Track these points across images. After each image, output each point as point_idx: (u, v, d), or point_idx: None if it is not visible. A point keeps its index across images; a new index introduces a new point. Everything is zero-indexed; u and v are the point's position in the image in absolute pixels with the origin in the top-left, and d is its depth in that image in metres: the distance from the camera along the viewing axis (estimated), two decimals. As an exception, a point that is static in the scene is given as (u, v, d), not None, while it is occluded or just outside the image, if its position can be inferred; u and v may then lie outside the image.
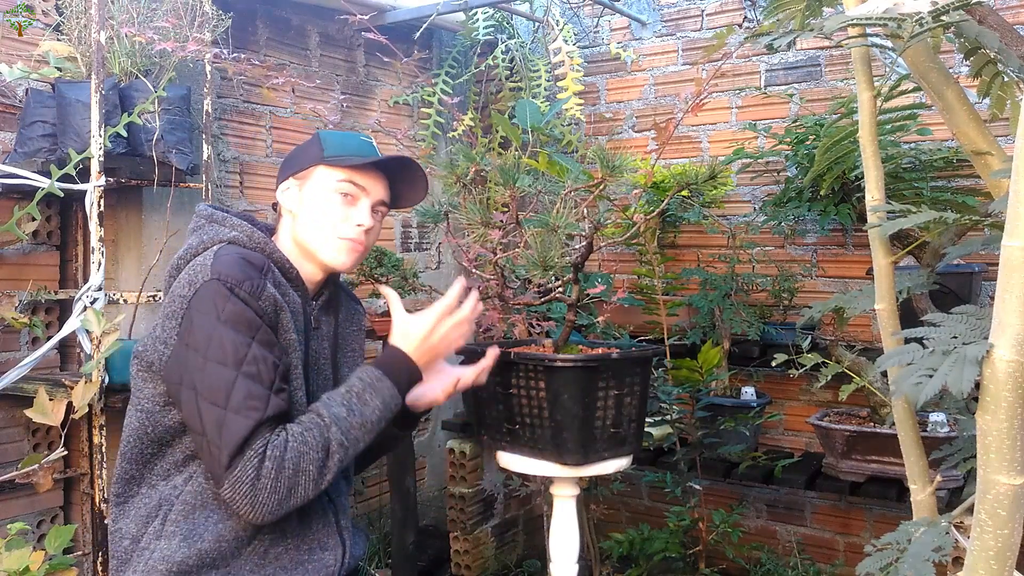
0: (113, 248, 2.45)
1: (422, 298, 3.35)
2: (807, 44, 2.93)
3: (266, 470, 1.24)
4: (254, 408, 1.25)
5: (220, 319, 1.28)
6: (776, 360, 1.54)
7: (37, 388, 1.99)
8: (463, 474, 3.04)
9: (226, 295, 1.28)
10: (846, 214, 2.50)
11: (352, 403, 1.35)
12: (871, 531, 2.89)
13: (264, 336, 1.30)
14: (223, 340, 1.27)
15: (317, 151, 1.46)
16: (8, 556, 1.73)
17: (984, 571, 0.85)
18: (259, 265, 1.35)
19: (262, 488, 1.24)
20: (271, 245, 1.42)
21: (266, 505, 1.25)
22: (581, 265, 1.78)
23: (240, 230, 1.41)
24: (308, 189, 1.46)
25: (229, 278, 1.29)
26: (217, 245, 1.38)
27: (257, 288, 1.30)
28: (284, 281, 1.41)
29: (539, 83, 3.26)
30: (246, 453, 1.24)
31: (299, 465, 1.26)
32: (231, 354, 1.26)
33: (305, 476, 1.27)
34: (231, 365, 1.26)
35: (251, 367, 1.27)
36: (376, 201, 1.48)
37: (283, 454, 1.26)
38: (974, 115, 1.14)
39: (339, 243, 1.44)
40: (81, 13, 2.20)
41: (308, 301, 1.47)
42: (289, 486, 1.26)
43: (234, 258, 1.33)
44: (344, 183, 1.44)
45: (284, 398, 1.30)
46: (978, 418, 0.84)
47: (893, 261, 1.10)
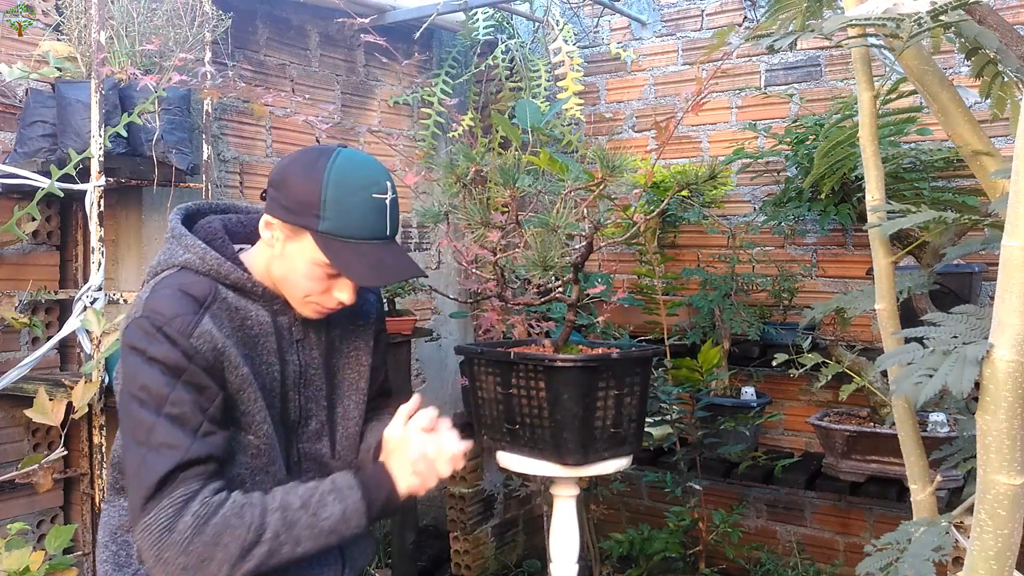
0: (113, 248, 2.45)
1: (422, 298, 3.36)
2: (807, 44, 2.93)
3: (183, 525, 1.15)
4: (174, 447, 1.17)
5: (145, 358, 1.21)
6: (776, 360, 1.54)
7: (37, 388, 2.00)
8: (463, 474, 3.04)
9: (153, 333, 1.21)
10: (846, 214, 2.50)
11: (311, 501, 1.24)
12: (871, 531, 2.89)
13: (191, 377, 1.21)
14: (147, 381, 1.20)
15: (314, 210, 1.25)
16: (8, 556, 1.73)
17: (984, 571, 0.85)
18: (200, 298, 1.25)
19: (172, 544, 1.15)
20: (226, 267, 1.29)
21: (171, 564, 1.15)
22: (581, 265, 1.78)
23: (194, 252, 1.29)
24: (291, 248, 1.29)
25: (158, 316, 1.22)
26: (167, 270, 1.31)
27: (188, 326, 1.21)
28: (244, 304, 1.31)
29: (539, 83, 3.26)
30: (162, 499, 1.16)
31: (221, 536, 1.16)
32: (154, 394, 1.20)
33: (223, 551, 1.16)
34: (153, 406, 1.20)
35: (174, 408, 1.19)
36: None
37: (210, 517, 1.16)
38: (969, 117, 1.14)
39: (311, 305, 1.33)
40: (81, 13, 2.20)
41: (286, 314, 1.36)
42: (201, 555, 1.15)
43: (169, 293, 1.25)
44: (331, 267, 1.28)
45: (213, 442, 1.21)
46: (978, 418, 0.84)
47: (893, 261, 1.10)
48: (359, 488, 1.29)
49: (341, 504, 1.26)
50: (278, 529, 1.21)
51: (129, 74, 2.11)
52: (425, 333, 2.86)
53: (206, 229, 1.36)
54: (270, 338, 1.33)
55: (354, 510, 1.27)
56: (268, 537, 1.20)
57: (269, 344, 1.33)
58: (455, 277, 3.60)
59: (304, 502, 1.24)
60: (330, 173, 1.26)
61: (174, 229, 1.34)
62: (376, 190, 1.28)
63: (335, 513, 1.25)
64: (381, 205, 1.28)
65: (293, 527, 1.22)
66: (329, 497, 1.26)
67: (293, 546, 1.22)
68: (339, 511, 1.25)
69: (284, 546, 1.21)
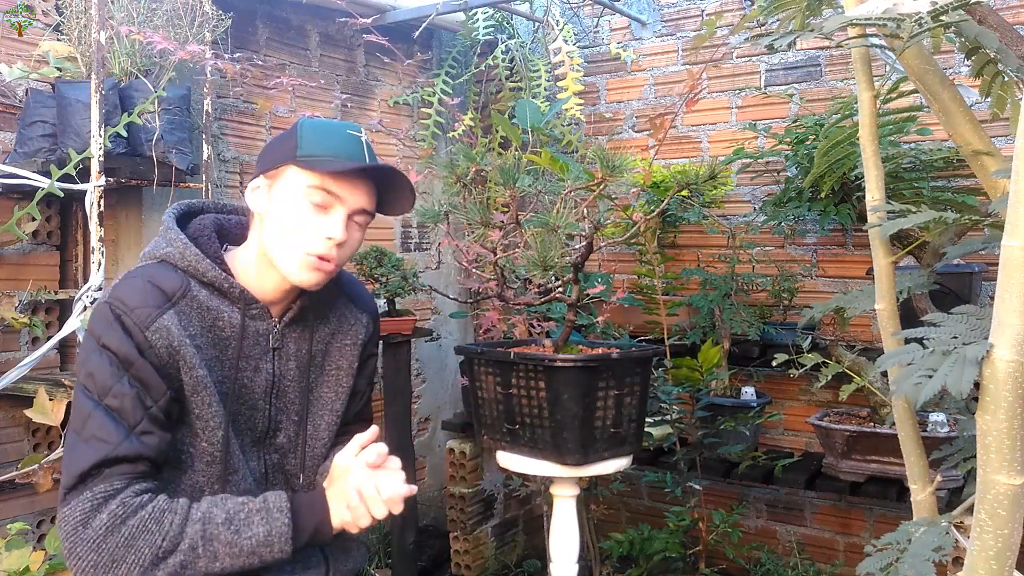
0: (113, 248, 2.46)
1: (422, 298, 3.36)
2: (807, 44, 2.93)
3: (98, 522, 1.13)
4: (103, 441, 1.15)
5: (99, 344, 1.20)
6: (776, 360, 1.54)
7: (37, 388, 1.99)
8: (463, 474, 3.04)
9: (110, 320, 1.20)
10: (846, 214, 2.50)
11: (237, 517, 1.20)
12: (871, 531, 2.89)
13: (139, 373, 1.19)
14: (95, 367, 1.19)
15: (291, 147, 1.28)
16: (8, 556, 1.73)
17: (984, 571, 0.85)
18: (168, 292, 1.23)
19: (85, 539, 1.13)
20: (204, 264, 1.27)
21: (82, 559, 1.13)
22: (581, 265, 1.78)
23: (175, 246, 1.28)
24: (276, 191, 1.29)
25: (120, 304, 1.20)
26: (147, 261, 1.30)
27: (146, 319, 1.19)
28: (217, 304, 1.28)
29: (539, 83, 3.26)
30: (83, 492, 1.14)
31: (135, 540, 1.13)
32: (98, 383, 1.18)
33: (136, 555, 1.13)
34: (95, 394, 1.18)
35: (114, 400, 1.18)
36: (354, 210, 1.30)
37: (127, 517, 1.14)
38: (970, 116, 1.14)
39: (303, 258, 1.27)
40: (81, 13, 2.20)
41: (264, 319, 1.33)
42: (114, 555, 1.13)
43: (138, 282, 1.23)
44: (315, 190, 1.26)
45: (149, 442, 1.18)
46: (978, 418, 0.84)
47: (893, 261, 1.10)
48: (288, 512, 1.23)
49: (266, 526, 1.21)
50: (195, 541, 1.17)
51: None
52: (425, 333, 2.86)
53: (196, 227, 1.35)
54: (236, 341, 1.30)
55: (279, 534, 1.21)
56: (184, 548, 1.16)
57: (234, 345, 1.30)
58: (455, 277, 3.60)
59: (228, 517, 1.20)
60: (303, 122, 1.32)
61: (165, 222, 1.33)
62: (350, 129, 1.31)
63: (259, 534, 1.20)
64: (357, 140, 1.29)
65: (212, 542, 1.18)
66: (256, 516, 1.21)
67: (210, 561, 1.17)
68: (263, 532, 1.20)
69: (200, 560, 1.17)
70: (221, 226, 1.40)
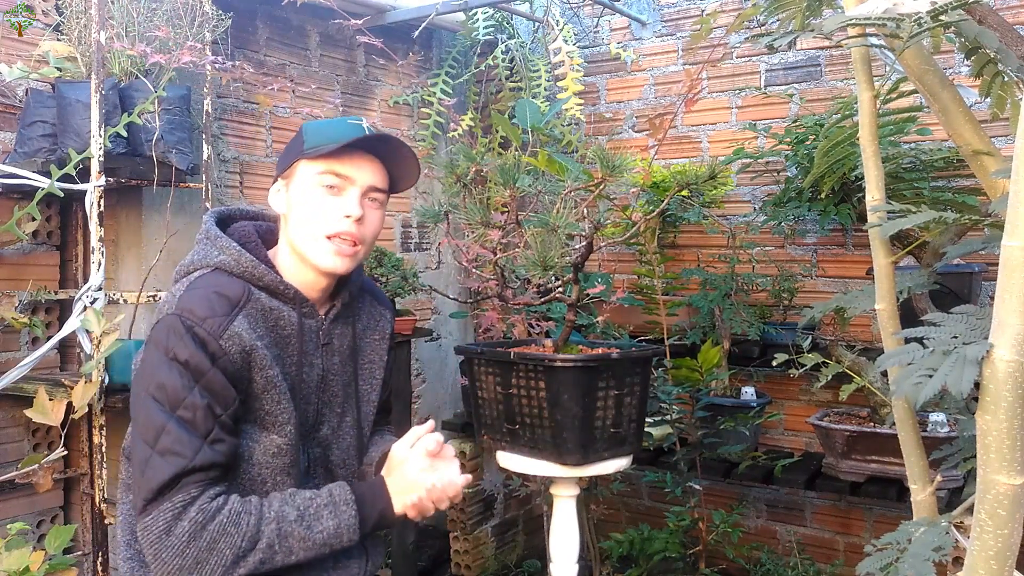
0: (113, 248, 2.46)
1: (422, 298, 3.36)
2: (807, 44, 2.93)
3: (180, 529, 1.18)
4: (179, 455, 1.19)
5: (168, 356, 1.23)
6: (776, 360, 1.54)
7: (37, 388, 1.99)
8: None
9: (181, 333, 1.23)
10: (846, 214, 2.50)
11: (307, 512, 1.26)
12: (871, 531, 2.89)
13: (210, 383, 1.23)
14: (166, 379, 1.22)
15: (299, 145, 1.36)
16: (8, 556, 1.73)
17: (984, 571, 0.85)
18: (234, 299, 1.28)
19: (169, 546, 1.18)
20: (260, 269, 1.32)
21: (168, 564, 1.18)
22: (581, 265, 1.77)
23: (229, 254, 1.32)
24: (294, 187, 1.35)
25: (190, 315, 1.24)
26: (202, 270, 1.33)
27: (219, 327, 1.23)
28: (277, 305, 1.33)
29: (539, 83, 3.26)
30: (163, 503, 1.19)
31: (217, 543, 1.19)
32: (170, 395, 1.22)
33: (218, 556, 1.19)
34: (167, 406, 1.21)
35: (187, 412, 1.21)
36: (367, 187, 1.35)
37: (207, 523, 1.19)
38: (970, 116, 1.14)
39: (326, 244, 1.33)
40: (81, 13, 2.20)
41: (314, 317, 1.38)
42: (197, 557, 1.18)
43: (204, 292, 1.27)
44: (326, 174, 1.32)
45: (221, 449, 1.23)
46: (978, 418, 0.84)
47: (893, 261, 1.10)
48: (354, 504, 1.30)
49: (335, 519, 1.28)
50: (272, 539, 1.23)
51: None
52: (425, 333, 2.86)
53: (240, 232, 1.40)
54: (297, 340, 1.35)
55: (347, 525, 1.29)
56: (262, 546, 1.22)
57: (296, 345, 1.35)
58: (455, 277, 3.60)
59: (300, 514, 1.26)
60: (307, 123, 1.40)
61: (209, 231, 1.37)
62: (351, 120, 1.37)
63: (329, 527, 1.27)
64: (359, 125, 1.35)
65: (287, 538, 1.25)
66: (325, 511, 1.28)
67: (286, 556, 1.24)
68: (333, 526, 1.28)
69: (277, 555, 1.24)
70: (262, 232, 1.45)
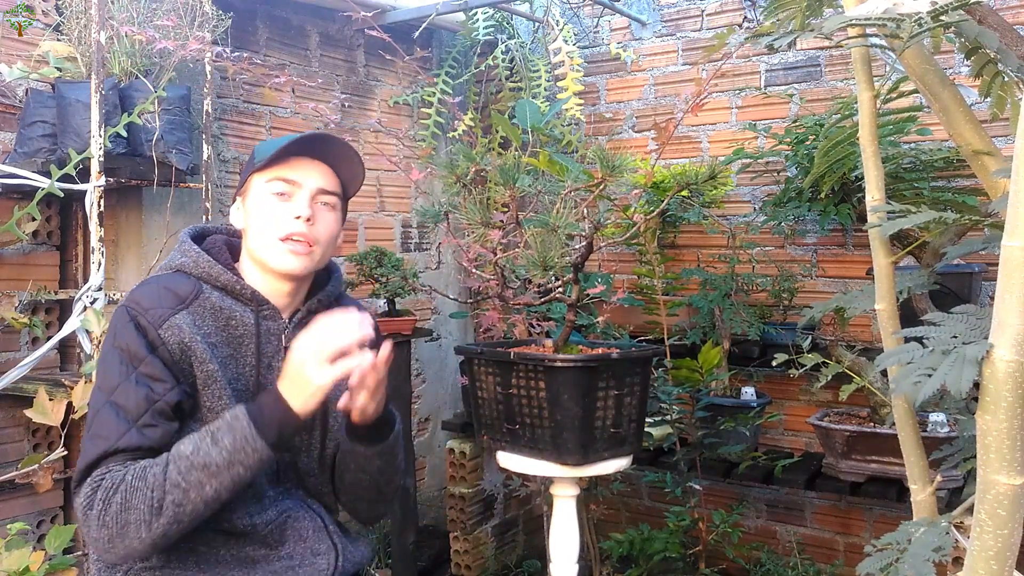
0: (113, 248, 2.46)
1: (422, 298, 3.36)
2: (807, 44, 2.93)
3: (95, 501, 1.22)
4: (104, 437, 1.25)
5: (113, 344, 1.30)
6: (776, 360, 1.54)
7: (37, 388, 1.99)
8: (463, 474, 3.04)
9: (125, 321, 1.30)
10: (846, 214, 2.50)
11: (203, 442, 1.24)
12: (871, 531, 2.89)
13: (147, 369, 1.27)
14: (108, 365, 1.29)
15: (251, 162, 1.43)
16: (8, 556, 1.73)
17: (984, 571, 0.85)
18: (181, 295, 1.33)
19: (93, 519, 1.22)
20: (216, 269, 1.37)
21: (98, 540, 1.22)
22: (581, 265, 1.78)
23: (188, 256, 1.40)
24: (248, 201, 1.41)
25: (136, 306, 1.31)
26: (164, 272, 1.40)
27: (159, 318, 1.29)
28: (230, 304, 1.37)
29: (539, 83, 3.26)
30: (85, 481, 1.24)
31: (128, 502, 1.21)
32: (108, 380, 1.28)
33: (135, 514, 1.20)
34: (105, 390, 1.28)
35: (120, 397, 1.26)
36: (315, 190, 1.38)
37: (114, 488, 1.22)
38: (970, 116, 1.14)
39: (280, 245, 1.36)
40: (81, 13, 2.20)
41: (276, 319, 1.41)
42: (119, 523, 1.20)
43: (154, 287, 1.34)
44: (274, 182, 1.37)
45: (151, 435, 1.25)
46: (978, 418, 0.84)
47: (893, 261, 1.10)
48: (246, 414, 1.25)
49: (230, 435, 1.23)
50: (176, 478, 1.21)
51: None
52: (425, 333, 2.87)
53: (210, 243, 1.47)
54: (252, 340, 1.38)
55: (243, 435, 1.23)
56: (170, 487, 1.21)
57: (251, 346, 1.38)
58: (455, 277, 3.60)
59: (196, 447, 1.23)
60: (258, 145, 1.45)
61: (181, 239, 1.45)
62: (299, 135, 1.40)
63: (225, 445, 1.23)
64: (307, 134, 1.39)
65: (191, 471, 1.22)
66: (219, 433, 1.24)
67: (198, 490, 1.21)
68: (228, 441, 1.23)
69: (189, 491, 1.21)
70: (232, 245, 1.50)
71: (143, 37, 2.14)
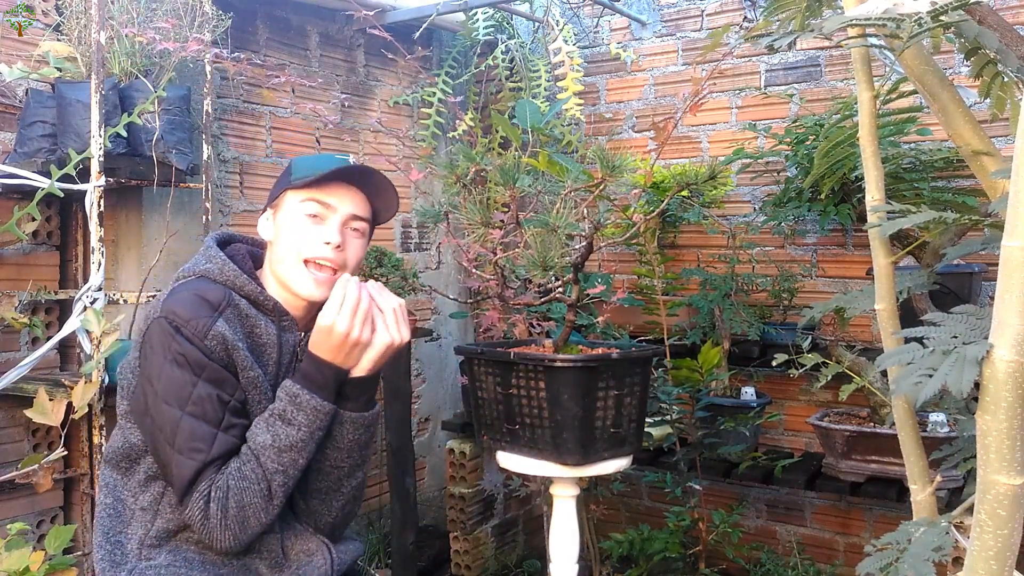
0: (113, 248, 2.46)
1: (422, 298, 3.36)
2: (807, 44, 2.93)
3: (212, 512, 1.28)
4: (197, 450, 1.28)
5: (167, 358, 1.31)
6: (776, 360, 1.54)
7: (37, 388, 1.99)
8: (463, 474, 3.04)
9: (171, 334, 1.31)
10: (846, 214, 2.50)
11: (276, 426, 1.33)
12: (871, 531, 2.89)
13: (212, 374, 1.31)
14: (170, 379, 1.30)
15: (287, 177, 1.44)
16: (8, 556, 1.73)
17: (984, 571, 0.85)
18: (215, 302, 1.35)
19: (213, 527, 1.29)
20: (242, 279, 1.40)
21: (223, 540, 1.29)
22: (581, 265, 1.77)
23: (214, 263, 1.41)
24: (280, 216, 1.43)
25: (176, 317, 1.32)
26: (188, 277, 1.41)
27: (203, 328, 1.31)
28: (255, 314, 1.40)
29: (539, 83, 3.26)
30: (192, 495, 1.29)
31: (242, 501, 1.29)
32: (176, 393, 1.30)
33: (252, 508, 1.30)
34: (176, 405, 1.29)
35: (195, 407, 1.29)
36: (347, 216, 1.42)
37: (226, 495, 1.29)
38: (969, 116, 1.14)
39: (303, 269, 1.40)
40: (81, 13, 2.20)
41: (293, 331, 1.45)
42: (239, 520, 1.29)
43: (187, 295, 1.35)
44: (309, 203, 1.40)
45: (236, 434, 1.33)
46: (978, 418, 0.84)
47: (893, 261, 1.10)
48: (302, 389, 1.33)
49: (300, 412, 1.33)
50: (274, 466, 1.31)
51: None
52: (425, 333, 2.87)
53: (233, 250, 1.49)
54: (274, 350, 1.41)
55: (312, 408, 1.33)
56: (271, 474, 1.30)
57: (273, 355, 1.41)
58: (455, 277, 3.60)
59: (274, 434, 1.32)
60: (295, 160, 1.48)
61: (206, 244, 1.47)
62: (338, 156, 1.46)
63: (302, 422, 1.32)
64: (345, 160, 1.44)
65: (280, 456, 1.31)
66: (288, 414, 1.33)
67: (294, 465, 1.32)
68: (303, 418, 1.32)
69: (289, 470, 1.32)
70: (255, 255, 1.53)
71: (144, 39, 2.14)
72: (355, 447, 1.42)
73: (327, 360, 1.35)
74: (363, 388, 1.41)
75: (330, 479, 1.42)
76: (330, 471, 1.42)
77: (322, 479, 1.42)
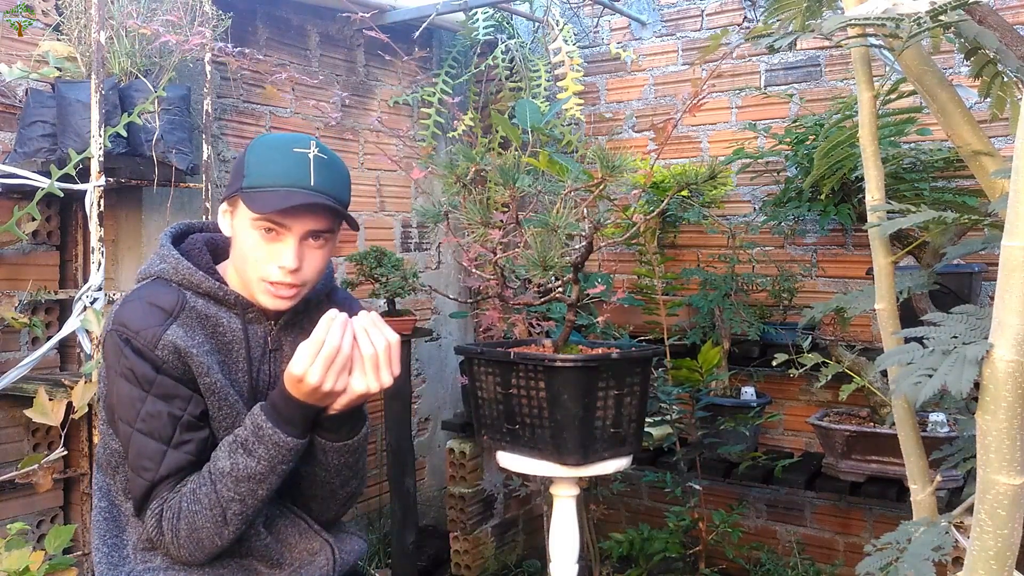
0: (113, 248, 2.45)
1: (422, 298, 3.36)
2: (807, 44, 2.93)
3: (164, 530, 1.27)
4: (146, 468, 1.27)
5: (118, 372, 1.28)
6: (776, 360, 1.53)
7: (37, 388, 1.99)
8: (463, 474, 3.04)
9: (120, 348, 1.27)
10: (846, 214, 2.50)
11: (237, 455, 1.26)
12: (871, 531, 2.89)
13: (161, 389, 1.26)
14: (120, 395, 1.28)
15: (240, 175, 1.31)
16: (8, 556, 1.73)
17: (984, 571, 0.85)
18: (168, 308, 1.29)
19: (168, 544, 1.28)
20: (197, 276, 1.33)
21: (180, 557, 1.29)
22: (581, 265, 1.77)
23: (168, 262, 1.35)
24: (235, 218, 1.34)
25: (125, 329, 1.27)
26: (144, 280, 1.37)
27: (152, 338, 1.26)
28: (216, 311, 1.34)
29: (539, 83, 3.26)
30: (145, 512, 1.29)
31: (194, 524, 1.26)
32: (127, 409, 1.27)
33: (205, 531, 1.26)
34: (126, 421, 1.28)
35: (144, 424, 1.26)
36: (305, 232, 1.30)
37: (177, 515, 1.27)
38: (968, 116, 1.14)
39: (264, 286, 1.31)
40: (81, 13, 2.20)
41: (261, 322, 1.38)
42: (193, 541, 1.27)
43: (138, 304, 1.30)
44: (260, 221, 1.28)
45: (189, 449, 1.28)
46: (978, 418, 0.84)
47: (893, 261, 1.10)
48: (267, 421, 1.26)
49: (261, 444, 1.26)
50: (229, 494, 1.26)
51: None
52: (425, 333, 2.86)
53: (189, 244, 1.43)
54: (242, 345, 1.36)
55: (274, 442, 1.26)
56: (226, 502, 1.26)
57: (241, 351, 1.36)
58: (455, 277, 3.60)
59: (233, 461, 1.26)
60: (254, 141, 1.35)
61: (160, 241, 1.41)
62: (297, 146, 1.31)
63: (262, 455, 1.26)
64: (303, 159, 1.29)
65: (238, 485, 1.26)
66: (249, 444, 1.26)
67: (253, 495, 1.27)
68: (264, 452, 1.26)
69: (246, 499, 1.26)
70: (215, 243, 1.46)
71: (148, 31, 2.14)
72: (344, 467, 1.38)
73: (297, 399, 1.26)
74: (342, 422, 1.34)
75: (324, 490, 1.40)
76: (322, 484, 1.39)
77: (316, 489, 1.40)
